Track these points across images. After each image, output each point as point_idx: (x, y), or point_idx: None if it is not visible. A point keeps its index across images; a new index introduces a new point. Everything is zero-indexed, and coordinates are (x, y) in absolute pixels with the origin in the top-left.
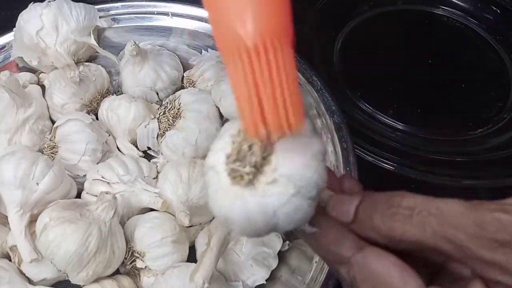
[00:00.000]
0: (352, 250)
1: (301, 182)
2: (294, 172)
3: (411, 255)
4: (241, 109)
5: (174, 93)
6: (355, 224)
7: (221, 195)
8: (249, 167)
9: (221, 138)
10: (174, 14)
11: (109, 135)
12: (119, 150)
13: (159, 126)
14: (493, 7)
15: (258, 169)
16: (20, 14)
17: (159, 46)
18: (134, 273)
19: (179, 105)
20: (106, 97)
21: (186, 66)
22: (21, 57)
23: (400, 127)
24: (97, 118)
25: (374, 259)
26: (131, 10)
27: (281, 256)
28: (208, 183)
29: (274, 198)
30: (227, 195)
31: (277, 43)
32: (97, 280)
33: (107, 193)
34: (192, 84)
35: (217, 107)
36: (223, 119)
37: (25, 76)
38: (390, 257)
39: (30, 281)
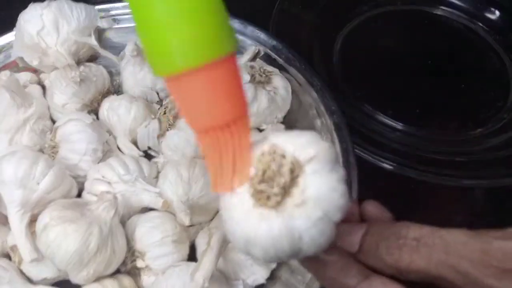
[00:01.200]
0: (357, 279)
1: (328, 206)
2: (322, 195)
3: (417, 284)
4: (211, 171)
5: None
6: (361, 254)
7: (243, 217)
8: (277, 188)
9: None
10: None
11: (110, 135)
12: (119, 150)
13: (159, 126)
14: (493, 7)
15: (286, 190)
16: (20, 14)
17: None
18: (134, 273)
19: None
20: (106, 97)
21: None
22: (22, 57)
23: (400, 127)
24: (97, 118)
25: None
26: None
27: None
28: (226, 205)
29: (301, 221)
30: (250, 217)
31: (234, 125)
32: (97, 279)
33: (107, 192)
34: None
35: None
36: None
37: (25, 76)
38: (396, 286)
39: (30, 280)
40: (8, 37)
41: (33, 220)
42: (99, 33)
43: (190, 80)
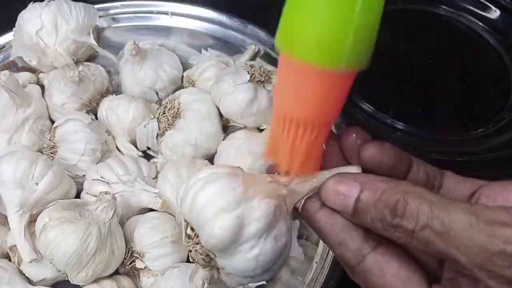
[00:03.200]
0: (353, 261)
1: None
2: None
3: None
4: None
5: (174, 92)
6: (355, 219)
7: None
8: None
9: None
10: (173, 14)
11: (109, 135)
12: (118, 150)
13: (158, 126)
14: (493, 7)
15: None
16: (19, 14)
17: (159, 46)
18: (133, 274)
19: (179, 105)
20: (105, 96)
21: (185, 66)
22: (21, 57)
23: (400, 127)
24: (96, 118)
25: (375, 273)
26: (130, 9)
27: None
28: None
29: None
30: None
31: (317, 127)
32: (96, 280)
33: (106, 193)
34: (192, 83)
35: (217, 107)
36: (223, 119)
37: (24, 76)
38: (392, 268)
39: (29, 281)
40: (8, 37)
41: (32, 221)
42: (98, 32)
43: (298, 68)
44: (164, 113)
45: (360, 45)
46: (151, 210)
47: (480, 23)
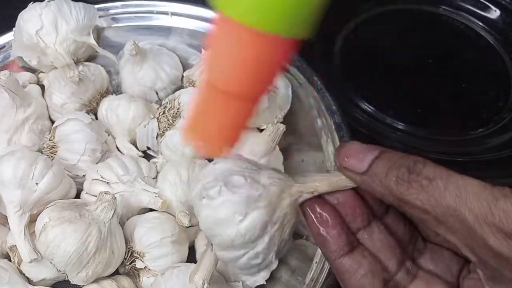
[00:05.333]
0: (333, 256)
1: None
2: None
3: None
4: (193, 116)
5: (174, 92)
6: (367, 177)
7: None
8: None
9: None
10: (173, 14)
11: (109, 135)
12: (118, 150)
13: (158, 126)
14: (493, 7)
15: None
16: (19, 14)
17: (159, 46)
18: (133, 274)
19: (179, 105)
20: (105, 96)
21: (185, 66)
22: (21, 57)
23: (400, 127)
24: (96, 118)
25: (348, 271)
26: (130, 9)
27: (281, 256)
28: None
29: None
30: None
31: (239, 101)
32: (96, 280)
33: (106, 193)
34: (192, 83)
35: None
36: None
37: (24, 76)
38: (362, 270)
39: (29, 281)
40: (8, 37)
41: (32, 221)
42: (98, 32)
43: (233, 29)
44: (164, 113)
45: (301, 9)
46: (151, 210)
47: (480, 23)
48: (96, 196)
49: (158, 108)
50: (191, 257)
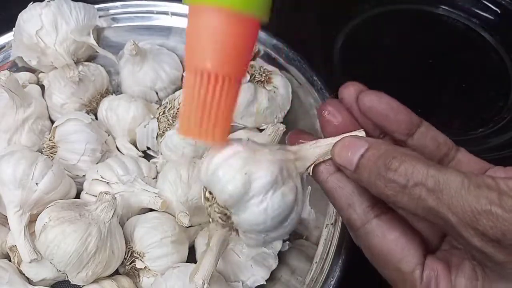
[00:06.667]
0: (360, 221)
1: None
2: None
3: None
4: (183, 111)
5: (174, 92)
6: (355, 174)
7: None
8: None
9: None
10: (173, 14)
11: (109, 135)
12: (118, 150)
13: (158, 126)
14: (493, 7)
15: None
16: (19, 14)
17: (159, 46)
18: (133, 274)
19: (179, 105)
20: (105, 96)
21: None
22: (21, 57)
23: None
24: (96, 118)
25: (378, 235)
26: (130, 9)
27: (281, 256)
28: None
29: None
30: None
31: (224, 81)
32: (96, 280)
33: (106, 193)
34: None
35: None
36: None
37: (24, 76)
38: (393, 234)
39: (29, 281)
40: (8, 37)
41: (32, 221)
42: (98, 32)
43: (210, 16)
44: (164, 113)
45: None
46: (151, 210)
47: (480, 23)
48: (96, 196)
49: (158, 108)
50: (191, 257)
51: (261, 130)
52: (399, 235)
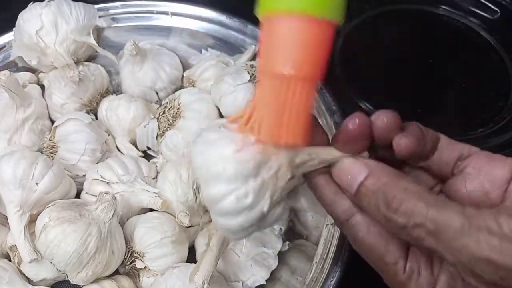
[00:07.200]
0: (344, 216)
1: None
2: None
3: None
4: (263, 117)
5: (174, 92)
6: (356, 200)
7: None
8: None
9: None
10: (173, 14)
11: (109, 135)
12: (118, 150)
13: (158, 126)
14: (493, 7)
15: None
16: (20, 14)
17: (159, 46)
18: (133, 274)
19: (179, 105)
20: (105, 96)
21: (185, 66)
22: (21, 57)
23: None
24: (96, 118)
25: (362, 229)
26: (130, 9)
27: (281, 256)
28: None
29: None
30: None
31: (305, 83)
32: (96, 280)
33: (106, 193)
34: (192, 83)
35: (217, 107)
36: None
37: (24, 76)
38: (377, 227)
39: (29, 281)
40: (8, 37)
41: (32, 221)
42: (98, 32)
43: (285, 23)
44: (164, 113)
45: None
46: (151, 210)
47: (480, 23)
48: (96, 196)
49: (158, 108)
50: (191, 257)
51: None
52: (382, 228)
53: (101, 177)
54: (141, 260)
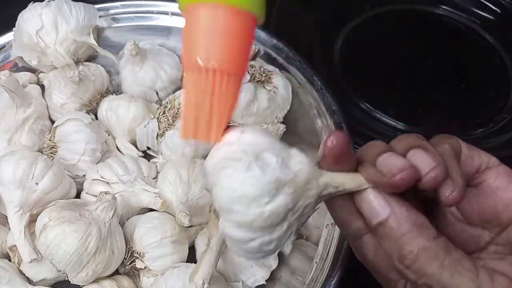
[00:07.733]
0: (355, 234)
1: None
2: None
3: None
4: (186, 112)
5: (174, 92)
6: (372, 230)
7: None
8: None
9: None
10: (173, 14)
11: (109, 135)
12: (118, 150)
13: (158, 126)
14: (493, 7)
15: None
16: (20, 14)
17: (159, 46)
18: (133, 274)
19: (179, 105)
20: (105, 96)
21: None
22: (21, 57)
23: (400, 127)
24: (96, 118)
25: (369, 249)
26: (130, 9)
27: (281, 256)
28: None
29: None
30: None
31: (227, 76)
32: (96, 280)
33: (106, 193)
34: None
35: None
36: None
37: (24, 76)
38: (383, 251)
39: (29, 281)
40: (8, 37)
41: (32, 221)
42: (98, 32)
43: (208, 12)
44: (164, 113)
45: None
46: (151, 210)
47: (480, 23)
48: (96, 196)
49: (158, 108)
50: (191, 257)
51: None
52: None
53: (101, 177)
54: (141, 260)
